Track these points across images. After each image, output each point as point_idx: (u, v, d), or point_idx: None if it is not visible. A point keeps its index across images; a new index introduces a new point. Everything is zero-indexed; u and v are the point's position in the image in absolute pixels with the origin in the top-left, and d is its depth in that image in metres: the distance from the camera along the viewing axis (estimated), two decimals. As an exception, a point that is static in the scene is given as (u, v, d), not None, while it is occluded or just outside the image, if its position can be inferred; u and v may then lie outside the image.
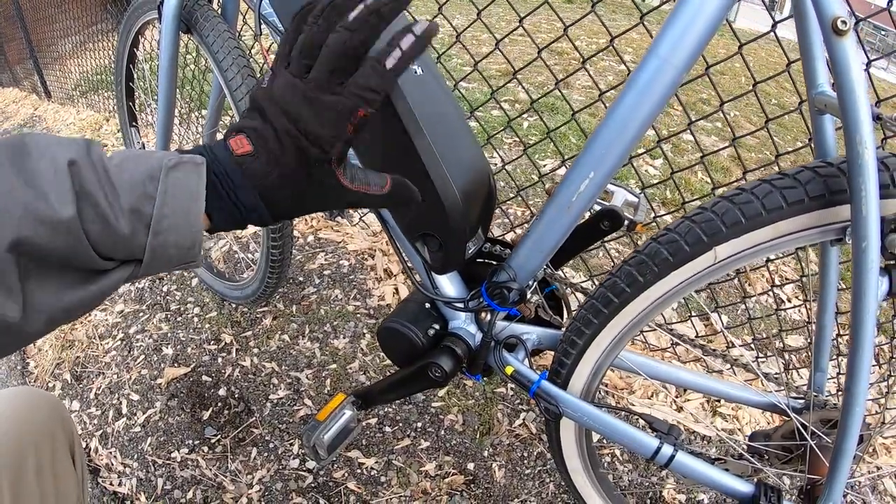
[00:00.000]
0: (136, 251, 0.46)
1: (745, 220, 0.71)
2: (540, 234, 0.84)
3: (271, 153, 0.52)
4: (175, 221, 0.47)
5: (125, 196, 0.46)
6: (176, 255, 0.48)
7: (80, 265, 0.45)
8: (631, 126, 0.74)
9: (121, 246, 0.45)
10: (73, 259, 0.44)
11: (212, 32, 1.20)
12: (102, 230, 0.44)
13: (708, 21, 0.67)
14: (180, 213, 0.47)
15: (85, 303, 0.46)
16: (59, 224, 0.42)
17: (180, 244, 0.48)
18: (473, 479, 1.37)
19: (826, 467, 0.89)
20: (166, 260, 0.48)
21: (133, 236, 0.46)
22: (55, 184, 0.43)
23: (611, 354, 0.90)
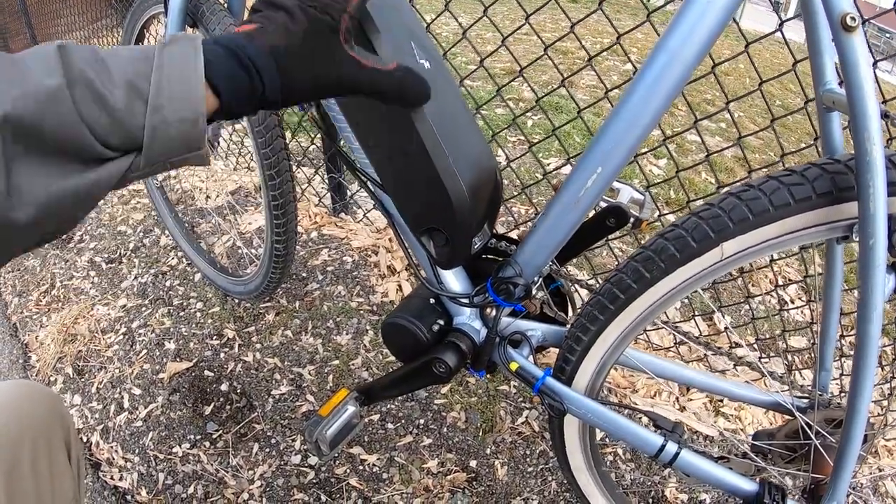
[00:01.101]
0: (136, 132, 0.44)
1: (753, 217, 0.70)
2: (547, 229, 0.84)
3: (279, 24, 0.52)
4: (174, 91, 0.45)
5: (119, 73, 0.44)
6: (178, 134, 0.45)
7: (74, 150, 0.42)
8: (639, 121, 0.74)
9: (118, 125, 0.43)
10: (67, 141, 0.41)
11: (218, 26, 1.20)
12: (97, 108, 0.42)
13: (718, 15, 0.67)
14: (179, 82, 0.45)
15: (80, 193, 0.43)
16: (45, 95, 0.40)
17: (183, 117, 0.45)
18: (476, 477, 1.37)
19: (830, 467, 0.89)
20: (168, 141, 0.45)
21: (130, 112, 0.43)
22: (40, 60, 0.41)
23: (616, 351, 0.89)
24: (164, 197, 1.93)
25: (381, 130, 0.80)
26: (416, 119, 0.75)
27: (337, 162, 2.01)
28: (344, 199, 2.15)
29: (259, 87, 0.51)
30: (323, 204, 2.22)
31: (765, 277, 2.04)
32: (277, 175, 1.24)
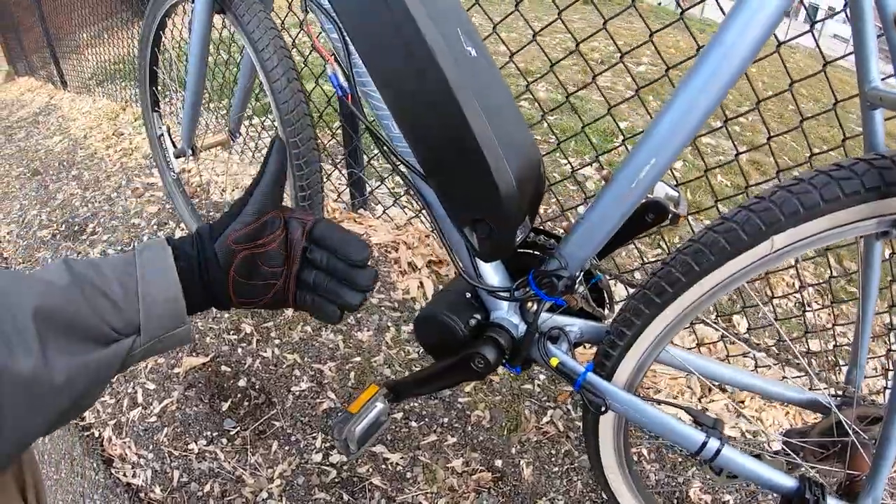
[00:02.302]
0: (132, 315, 0.55)
1: (804, 210, 0.70)
2: (594, 221, 0.82)
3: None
4: (156, 280, 0.57)
5: (110, 273, 0.55)
6: (165, 311, 0.56)
7: (90, 332, 0.52)
8: (695, 113, 0.73)
9: (119, 311, 0.54)
10: (82, 325, 0.52)
11: (248, 12, 1.18)
12: (102, 300, 0.53)
13: (773, 9, 0.67)
14: (159, 273, 0.57)
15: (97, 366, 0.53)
16: (61, 288, 0.52)
17: (168, 297, 0.57)
18: (501, 477, 1.34)
19: (866, 463, 0.90)
20: (159, 318, 0.56)
21: (126, 300, 0.55)
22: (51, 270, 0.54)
23: (658, 347, 0.88)
24: (181, 189, 1.91)
25: (426, 118, 0.78)
26: (465, 106, 0.73)
27: (357, 157, 1.98)
28: (363, 195, 2.13)
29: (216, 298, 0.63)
30: (342, 199, 2.20)
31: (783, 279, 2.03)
32: (306, 165, 1.22)
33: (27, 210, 2.62)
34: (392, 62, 0.77)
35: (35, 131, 3.70)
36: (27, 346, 0.47)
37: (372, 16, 0.75)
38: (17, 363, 0.46)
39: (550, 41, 4.39)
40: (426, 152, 0.82)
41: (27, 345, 0.47)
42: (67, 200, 2.46)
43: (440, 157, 0.80)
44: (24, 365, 0.47)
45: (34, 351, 0.48)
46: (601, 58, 4.25)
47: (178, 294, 0.58)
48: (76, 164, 2.99)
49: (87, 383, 0.52)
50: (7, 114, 4.28)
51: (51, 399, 0.50)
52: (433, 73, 0.73)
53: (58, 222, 2.32)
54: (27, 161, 3.20)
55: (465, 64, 0.77)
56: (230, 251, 0.62)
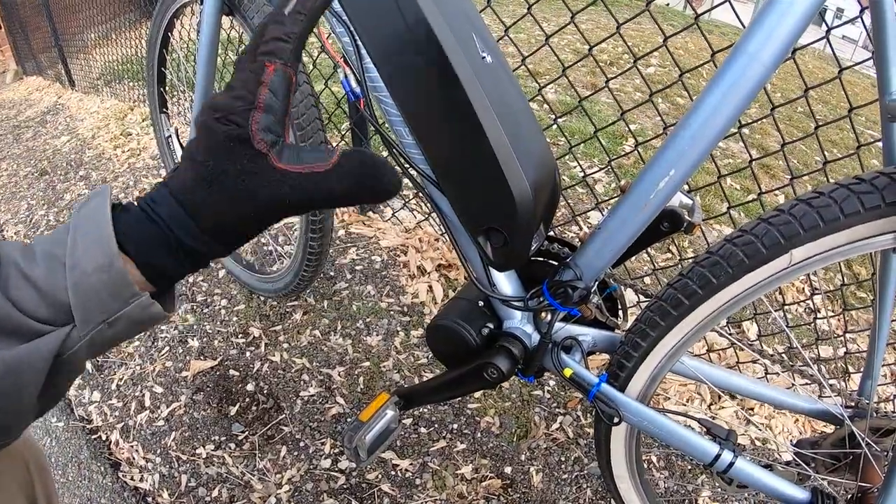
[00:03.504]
0: (59, 294, 0.42)
1: (824, 224, 0.69)
2: (611, 231, 0.81)
3: (187, 155, 0.46)
4: (86, 243, 0.43)
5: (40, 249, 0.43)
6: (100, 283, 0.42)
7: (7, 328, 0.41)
8: (715, 124, 0.72)
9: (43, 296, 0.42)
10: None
11: (257, 14, 1.17)
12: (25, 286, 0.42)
13: (799, 18, 0.65)
14: (90, 235, 0.43)
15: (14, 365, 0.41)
16: None
17: (98, 263, 0.42)
18: (511, 484, 1.33)
19: (879, 476, 0.90)
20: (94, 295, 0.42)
21: (52, 279, 0.42)
22: None
23: (673, 358, 0.87)
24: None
25: (440, 124, 0.77)
26: (480, 113, 0.72)
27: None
28: (371, 197, 2.11)
29: (172, 239, 0.45)
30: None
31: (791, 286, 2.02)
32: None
33: (35, 210, 2.62)
34: (406, 68, 0.76)
35: (43, 131, 3.71)
36: None
37: (385, 20, 0.74)
38: None
39: (559, 42, 4.37)
40: (440, 159, 0.81)
41: None
42: (75, 201, 2.46)
43: (454, 165, 0.79)
44: None
45: None
46: (610, 59, 4.23)
47: (111, 258, 0.42)
48: (84, 165, 2.99)
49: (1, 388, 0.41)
50: (15, 113, 4.29)
51: None
52: (448, 79, 0.72)
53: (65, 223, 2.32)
54: (35, 161, 3.21)
55: (480, 70, 0.76)
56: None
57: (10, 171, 3.16)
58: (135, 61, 3.74)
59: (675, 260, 1.95)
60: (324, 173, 0.46)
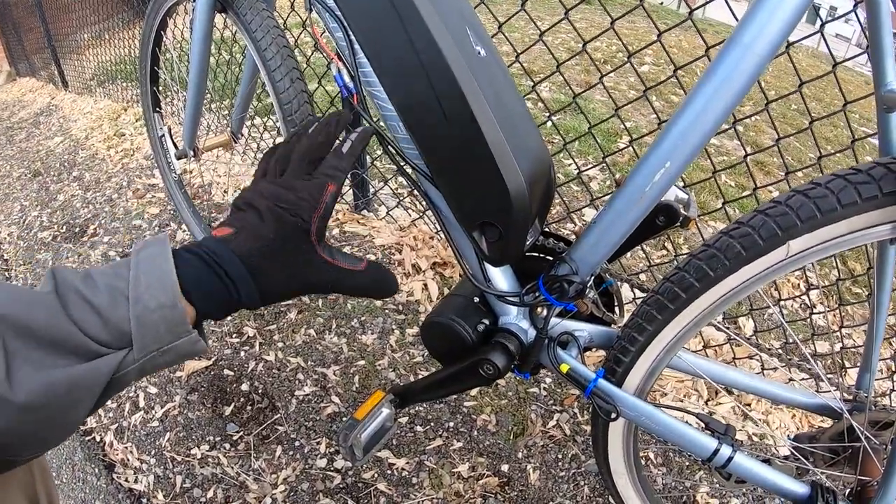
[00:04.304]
0: (122, 324, 0.48)
1: (821, 215, 0.68)
2: (607, 225, 0.80)
3: (253, 227, 0.57)
4: (150, 282, 0.49)
5: (101, 279, 0.49)
6: (161, 319, 0.49)
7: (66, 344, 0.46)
8: (710, 115, 0.71)
9: (105, 321, 0.47)
10: (59, 336, 0.45)
11: (249, 11, 1.16)
12: (85, 309, 0.47)
13: (793, 8, 0.65)
14: (154, 275, 0.50)
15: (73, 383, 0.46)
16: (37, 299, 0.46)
17: (161, 303, 0.49)
18: (508, 482, 1.33)
19: (878, 469, 0.90)
20: (153, 328, 0.49)
21: (114, 308, 0.48)
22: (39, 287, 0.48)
23: (670, 353, 0.87)
24: (182, 191, 1.89)
25: (435, 119, 0.76)
26: (475, 106, 0.72)
27: (360, 158, 1.97)
28: (367, 196, 2.11)
29: (234, 294, 0.56)
30: (345, 200, 2.19)
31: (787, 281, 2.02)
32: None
33: (28, 211, 2.60)
34: (400, 62, 0.75)
35: (36, 132, 3.69)
36: None
37: (379, 15, 0.74)
38: None
39: (553, 40, 4.37)
40: (434, 154, 0.80)
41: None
42: (68, 202, 2.45)
43: (449, 160, 0.79)
44: None
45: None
46: (604, 57, 4.23)
47: (175, 299, 0.50)
48: (77, 165, 2.98)
49: (61, 403, 0.46)
50: (8, 115, 4.27)
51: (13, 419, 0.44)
52: (443, 73, 0.72)
53: (59, 224, 2.31)
54: (28, 162, 3.19)
55: (474, 63, 0.75)
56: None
57: (4, 172, 3.15)
58: (128, 61, 3.73)
59: (670, 256, 1.94)
60: (356, 272, 0.64)
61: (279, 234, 0.57)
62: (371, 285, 0.66)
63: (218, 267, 0.55)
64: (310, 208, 0.59)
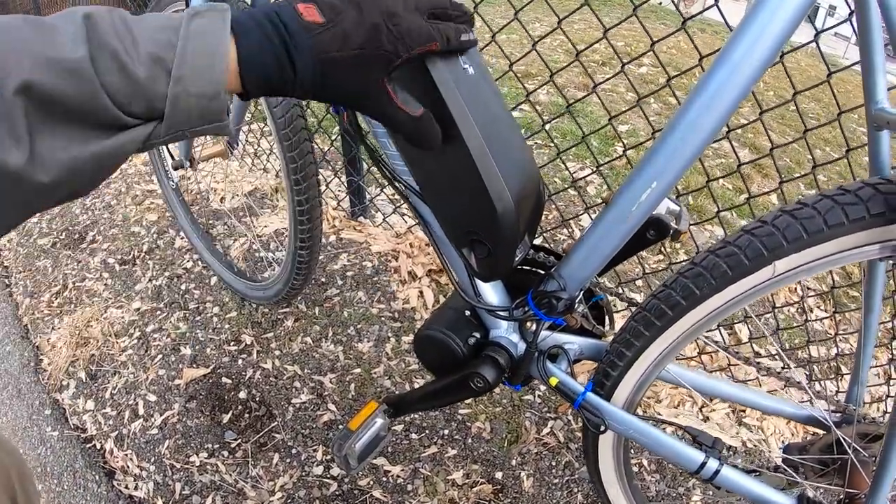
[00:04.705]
0: (157, 101, 0.45)
1: (807, 236, 0.69)
2: (594, 242, 0.81)
3: (344, 32, 0.52)
4: (197, 64, 0.45)
5: (144, 43, 0.44)
6: (197, 106, 0.46)
7: (96, 117, 0.43)
8: (696, 135, 0.72)
9: (140, 94, 0.44)
10: (88, 109, 0.42)
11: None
12: (120, 78, 0.43)
13: (784, 25, 0.65)
14: (202, 56, 0.45)
15: (100, 158, 0.44)
16: (67, 66, 0.41)
17: (202, 92, 0.46)
18: (502, 489, 1.34)
19: (865, 481, 0.91)
20: (188, 112, 0.46)
21: (152, 82, 0.44)
22: (65, 30, 0.42)
23: (658, 367, 0.88)
24: (180, 198, 1.90)
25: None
26: (461, 124, 0.73)
27: (356, 165, 1.98)
28: (363, 203, 2.12)
29: (289, 79, 0.51)
30: (341, 207, 2.20)
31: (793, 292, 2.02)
32: (304, 180, 1.22)
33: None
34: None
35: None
36: (14, 132, 0.39)
37: None
38: (2, 153, 0.39)
39: (552, 43, 4.38)
40: (422, 171, 0.81)
41: (14, 131, 0.39)
42: (67, 208, 2.45)
43: (436, 177, 0.80)
44: (14, 159, 0.39)
45: (23, 141, 0.40)
46: (602, 59, 4.24)
47: (219, 91, 0.46)
48: (76, 170, 2.98)
49: (82, 179, 0.45)
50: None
51: (33, 198, 0.43)
52: (429, 89, 0.73)
53: (58, 230, 2.31)
54: (27, 167, 3.20)
55: (462, 81, 0.76)
56: None
57: (3, 177, 3.15)
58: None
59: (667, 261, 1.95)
60: (412, 116, 0.60)
61: (364, 53, 0.53)
62: (414, 132, 0.63)
63: (286, 58, 0.50)
64: (409, 46, 0.55)
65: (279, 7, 0.51)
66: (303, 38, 0.50)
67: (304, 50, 0.50)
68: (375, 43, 0.53)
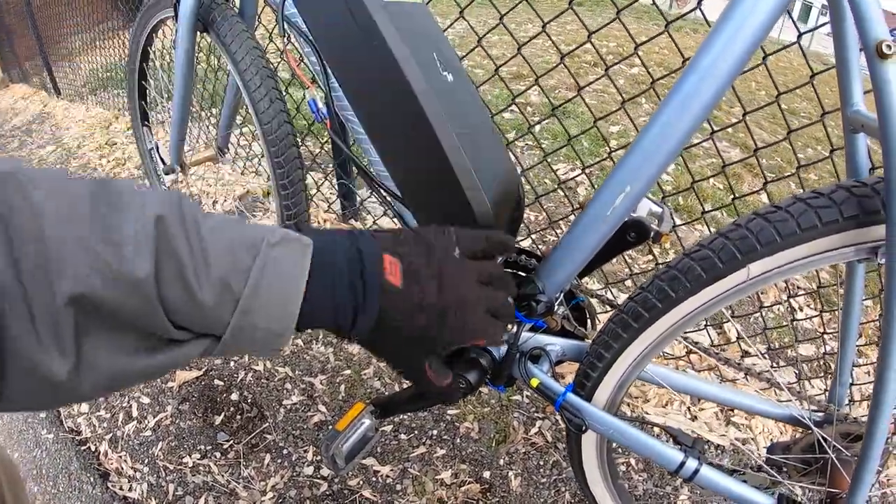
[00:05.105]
0: (217, 327, 0.42)
1: (781, 239, 0.70)
2: (571, 246, 0.83)
3: (416, 306, 0.52)
4: (268, 301, 0.42)
5: (216, 264, 0.41)
6: (262, 339, 0.43)
7: (148, 330, 0.40)
8: (670, 140, 0.72)
9: (199, 318, 0.41)
10: (142, 323, 0.39)
11: (229, 32, 1.18)
12: (182, 297, 0.39)
13: (753, 33, 0.66)
14: (276, 293, 0.43)
15: (148, 373, 0.41)
16: (130, 283, 0.37)
17: (270, 329, 0.43)
18: (490, 488, 1.35)
19: (846, 481, 0.90)
20: (249, 343, 0.43)
21: (217, 310, 0.41)
22: (134, 238, 0.37)
23: (637, 367, 0.89)
24: (172, 203, 1.91)
25: (402, 143, 0.79)
26: (439, 132, 0.74)
27: (346, 168, 1.99)
28: (353, 205, 2.13)
29: (344, 328, 0.50)
30: (332, 210, 2.21)
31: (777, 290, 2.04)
32: (290, 185, 1.23)
33: (21, 221, 2.61)
34: (367, 88, 0.78)
35: (29, 140, 3.71)
36: (61, 343, 0.36)
37: (347, 41, 0.76)
38: (47, 362, 0.35)
39: (543, 43, 4.39)
40: (403, 177, 0.83)
41: (61, 342, 0.36)
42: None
43: (416, 183, 0.81)
44: (57, 368, 0.36)
45: (69, 352, 0.36)
46: (594, 60, 4.26)
47: (286, 331, 0.44)
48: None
49: (121, 388, 0.41)
50: (1, 122, 4.28)
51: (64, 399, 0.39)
52: (408, 99, 0.74)
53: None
54: (21, 171, 3.20)
55: (440, 89, 0.78)
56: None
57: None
58: (119, 68, 3.74)
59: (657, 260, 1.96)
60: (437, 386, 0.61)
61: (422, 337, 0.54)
62: (438, 398, 0.68)
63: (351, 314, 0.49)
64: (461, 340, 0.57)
65: (365, 250, 0.51)
66: (374, 299, 0.49)
67: (370, 312, 0.50)
68: (437, 331, 0.54)
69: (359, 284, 0.49)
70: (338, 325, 0.50)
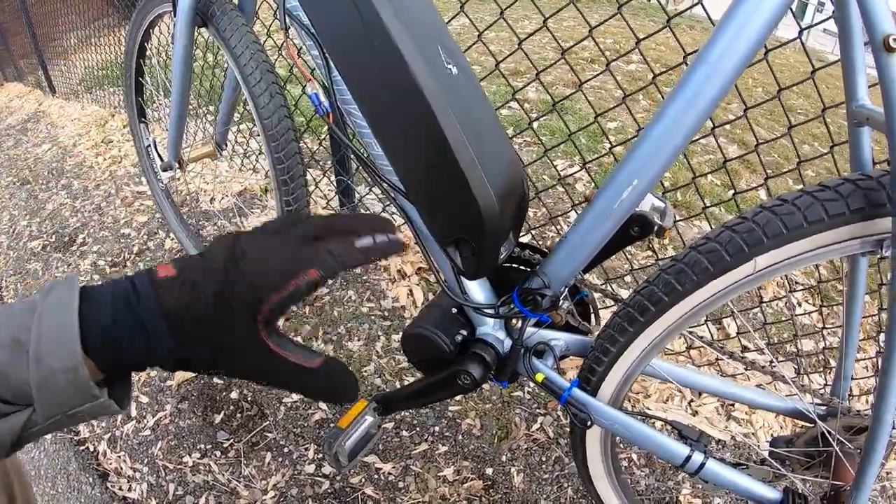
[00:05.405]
0: (22, 385, 0.41)
1: (787, 232, 0.70)
2: (577, 241, 0.82)
3: (193, 280, 0.46)
4: (52, 337, 0.42)
5: (6, 329, 0.42)
6: (64, 382, 0.42)
7: None
8: (677, 135, 0.73)
9: (4, 381, 0.41)
10: None
11: (229, 26, 1.17)
12: None
13: (761, 27, 0.66)
14: (55, 328, 0.42)
15: None
16: None
17: (64, 365, 0.41)
18: (492, 485, 1.35)
19: (850, 474, 0.92)
20: (58, 392, 0.42)
21: (15, 366, 0.41)
22: None
23: (643, 362, 0.88)
24: (170, 199, 1.90)
25: (406, 137, 0.78)
26: (444, 126, 0.73)
27: (345, 164, 1.98)
28: (352, 202, 2.12)
29: (138, 340, 0.45)
30: (331, 207, 2.20)
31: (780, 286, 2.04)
32: (291, 180, 1.22)
33: (17, 220, 2.61)
34: (371, 81, 0.77)
35: (24, 139, 3.69)
36: None
37: (350, 34, 0.75)
38: None
39: (541, 39, 4.39)
40: (407, 172, 0.82)
41: None
42: (57, 210, 2.45)
43: (421, 177, 0.81)
44: None
45: None
46: (591, 56, 4.25)
47: (76, 362, 0.42)
48: (65, 173, 2.98)
49: None
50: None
51: None
52: (413, 92, 0.73)
53: (48, 233, 2.31)
54: (17, 170, 3.19)
55: (445, 83, 0.77)
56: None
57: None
58: (115, 66, 3.72)
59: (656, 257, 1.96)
60: (307, 369, 0.50)
61: (219, 298, 0.46)
62: (321, 389, 0.52)
63: (131, 311, 0.45)
64: (271, 285, 0.47)
65: (136, 275, 0.47)
66: (148, 293, 0.45)
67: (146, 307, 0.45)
68: (224, 286, 0.46)
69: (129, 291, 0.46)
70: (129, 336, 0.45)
